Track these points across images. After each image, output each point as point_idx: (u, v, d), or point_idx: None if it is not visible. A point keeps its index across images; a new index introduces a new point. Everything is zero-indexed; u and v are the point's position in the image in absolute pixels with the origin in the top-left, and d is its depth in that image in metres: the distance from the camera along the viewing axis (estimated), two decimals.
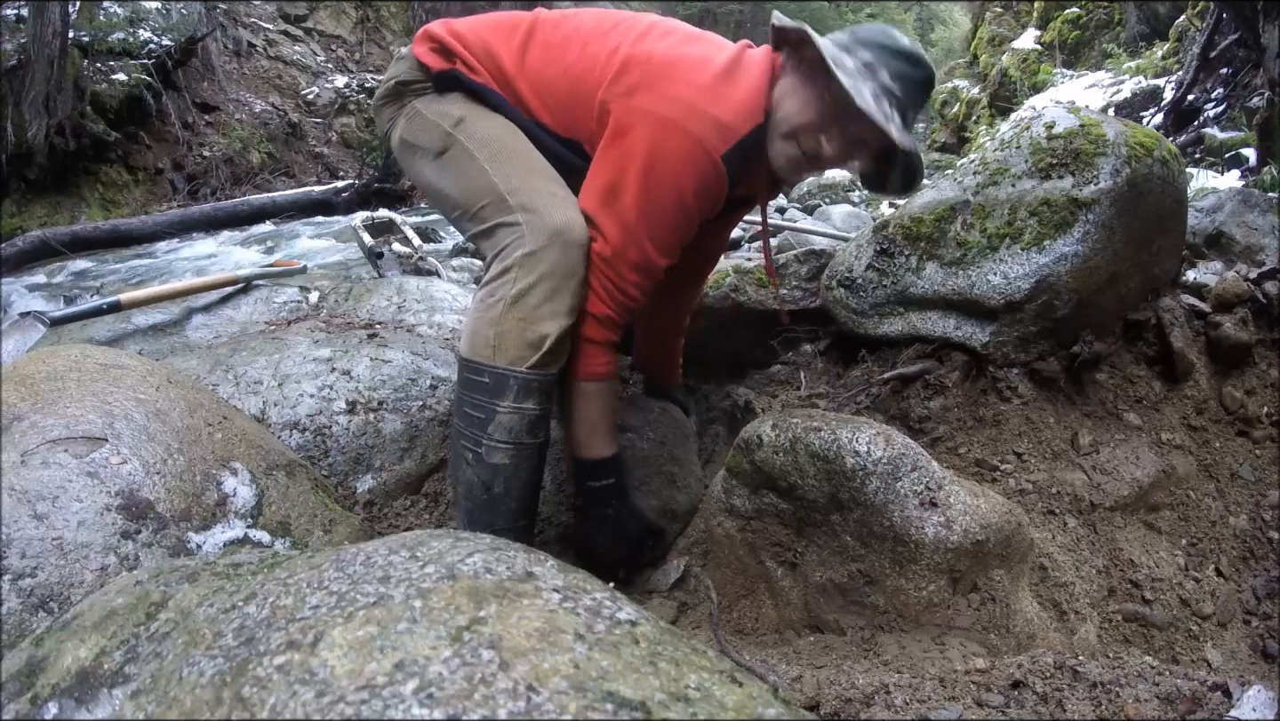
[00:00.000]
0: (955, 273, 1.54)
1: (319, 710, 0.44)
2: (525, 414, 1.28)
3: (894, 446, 1.15)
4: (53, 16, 6.23)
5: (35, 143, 6.30)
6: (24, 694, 0.62)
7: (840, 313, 1.74)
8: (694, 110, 1.25)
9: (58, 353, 1.25)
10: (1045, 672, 0.92)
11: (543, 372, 1.28)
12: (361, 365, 1.77)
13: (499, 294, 1.27)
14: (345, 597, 0.55)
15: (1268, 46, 3.48)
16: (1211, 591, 1.45)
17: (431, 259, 3.49)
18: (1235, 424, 1.65)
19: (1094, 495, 1.44)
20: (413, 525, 1.61)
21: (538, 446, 1.34)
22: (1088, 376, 1.56)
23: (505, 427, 1.28)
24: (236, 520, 1.14)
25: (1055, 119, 1.54)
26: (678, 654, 0.52)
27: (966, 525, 1.11)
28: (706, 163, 1.26)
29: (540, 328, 1.25)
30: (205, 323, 2.09)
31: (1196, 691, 0.86)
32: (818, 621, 1.24)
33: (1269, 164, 3.81)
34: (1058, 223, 1.44)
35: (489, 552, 0.61)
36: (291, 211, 7.40)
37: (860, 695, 0.92)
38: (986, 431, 1.49)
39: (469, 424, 1.31)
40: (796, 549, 1.26)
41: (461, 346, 1.32)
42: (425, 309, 2.18)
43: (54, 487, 1.00)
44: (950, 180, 1.65)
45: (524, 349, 1.25)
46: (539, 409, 1.30)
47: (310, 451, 1.61)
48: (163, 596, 0.68)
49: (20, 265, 5.41)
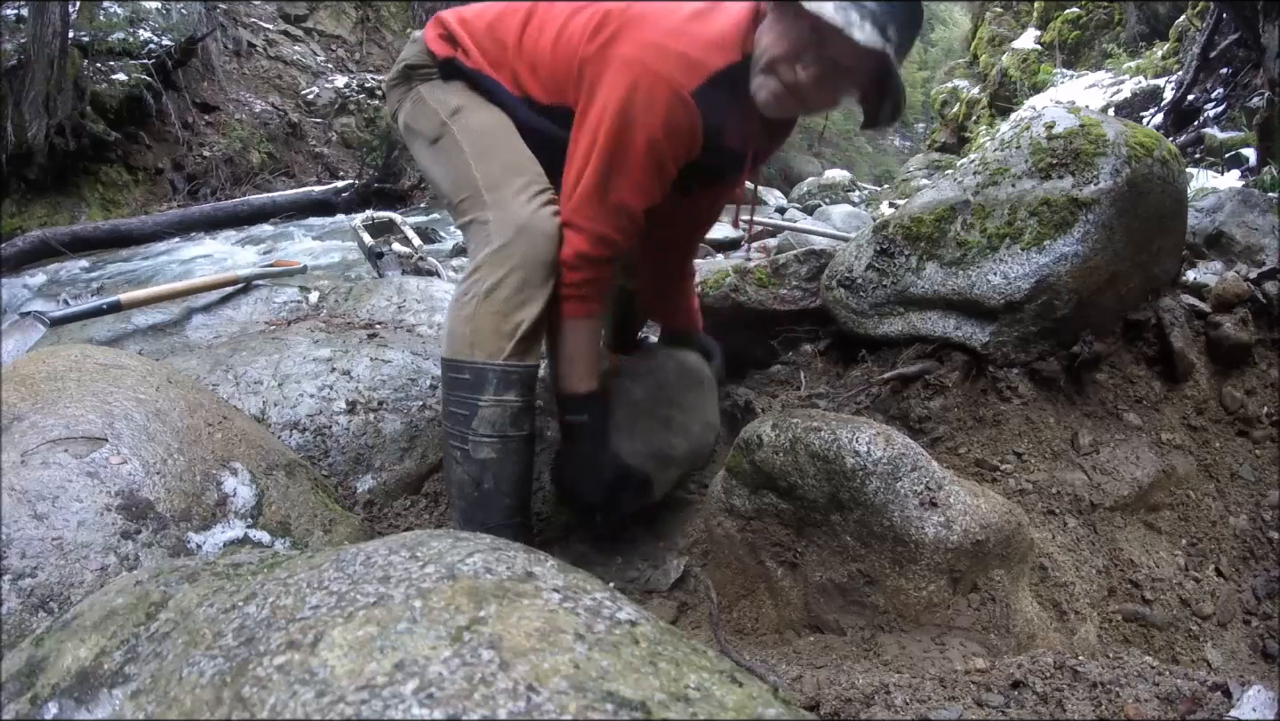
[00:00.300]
0: (955, 273, 1.54)
1: (319, 710, 0.44)
2: (507, 406, 1.31)
3: (894, 446, 1.15)
4: (53, 16, 6.23)
5: (35, 143, 6.30)
6: (24, 694, 0.62)
7: (840, 313, 1.74)
8: (660, 49, 1.25)
9: (58, 352, 1.25)
10: (1045, 672, 0.92)
11: (520, 363, 1.31)
12: (361, 365, 1.77)
13: (471, 291, 1.31)
14: (345, 597, 0.55)
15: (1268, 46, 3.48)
16: (1211, 591, 1.45)
17: (431, 259, 3.49)
18: (1235, 424, 1.65)
19: (1094, 495, 1.44)
20: (413, 525, 1.61)
21: (523, 439, 1.36)
22: (1088, 376, 1.55)
23: (489, 421, 1.31)
24: (236, 520, 1.14)
25: (1055, 119, 1.54)
26: (678, 654, 0.52)
27: (966, 525, 1.11)
28: (674, 100, 1.25)
29: (513, 318, 1.28)
30: (205, 323, 2.09)
31: (1196, 691, 0.86)
32: (818, 621, 1.24)
33: (1269, 164, 3.81)
34: (1058, 223, 1.44)
35: (489, 552, 0.61)
36: (291, 211, 7.39)
37: (860, 695, 0.92)
38: (986, 431, 1.49)
39: (455, 422, 1.34)
40: (796, 549, 1.26)
41: (442, 347, 1.36)
42: (425, 309, 2.18)
43: (54, 487, 1.00)
44: (950, 180, 1.65)
45: (499, 340, 1.29)
46: (521, 400, 1.33)
47: (310, 451, 1.61)
48: (163, 596, 0.68)
49: (20, 265, 5.40)
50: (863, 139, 18.17)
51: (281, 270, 2.63)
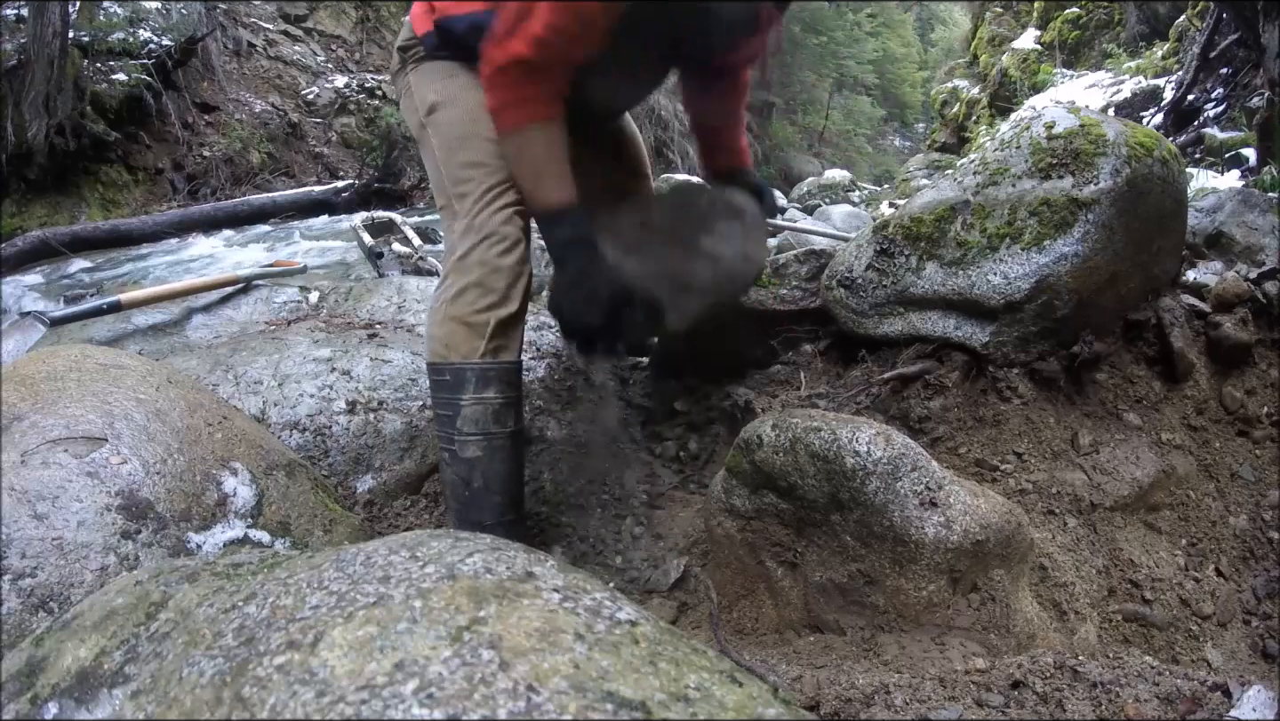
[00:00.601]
0: (955, 273, 1.54)
1: (319, 710, 0.44)
2: (488, 403, 1.33)
3: (894, 446, 1.15)
4: (53, 16, 6.23)
5: (35, 143, 6.30)
6: (24, 694, 0.62)
7: (840, 313, 1.74)
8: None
9: (58, 352, 1.25)
10: (1045, 672, 0.92)
11: (496, 361, 1.33)
12: (361, 365, 1.77)
13: (441, 298, 1.35)
14: (345, 597, 0.55)
15: (1268, 46, 3.48)
16: (1211, 591, 1.45)
17: (431, 259, 3.50)
18: (1235, 424, 1.65)
19: (1094, 495, 1.44)
20: (413, 525, 1.61)
21: (509, 435, 1.37)
22: (1088, 376, 1.55)
23: (471, 420, 1.33)
24: (236, 520, 1.14)
25: (1055, 119, 1.54)
26: (678, 654, 0.52)
27: (966, 525, 1.11)
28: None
29: (480, 319, 1.31)
30: (205, 323, 2.09)
31: (1196, 691, 0.86)
32: (818, 621, 1.24)
33: (1269, 164, 3.81)
34: (1058, 223, 1.44)
35: (489, 552, 0.61)
36: (291, 211, 7.40)
37: (860, 695, 0.92)
38: (986, 431, 1.49)
39: (442, 424, 1.37)
40: (796, 549, 1.26)
41: (425, 353, 1.40)
42: (425, 309, 2.18)
43: (54, 487, 1.00)
44: (950, 180, 1.65)
45: (473, 340, 1.32)
46: (502, 396, 1.35)
47: (310, 451, 1.61)
48: (163, 596, 0.68)
49: (20, 265, 5.41)
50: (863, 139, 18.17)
51: (281, 270, 2.63)
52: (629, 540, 1.58)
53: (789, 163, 14.43)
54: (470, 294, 1.32)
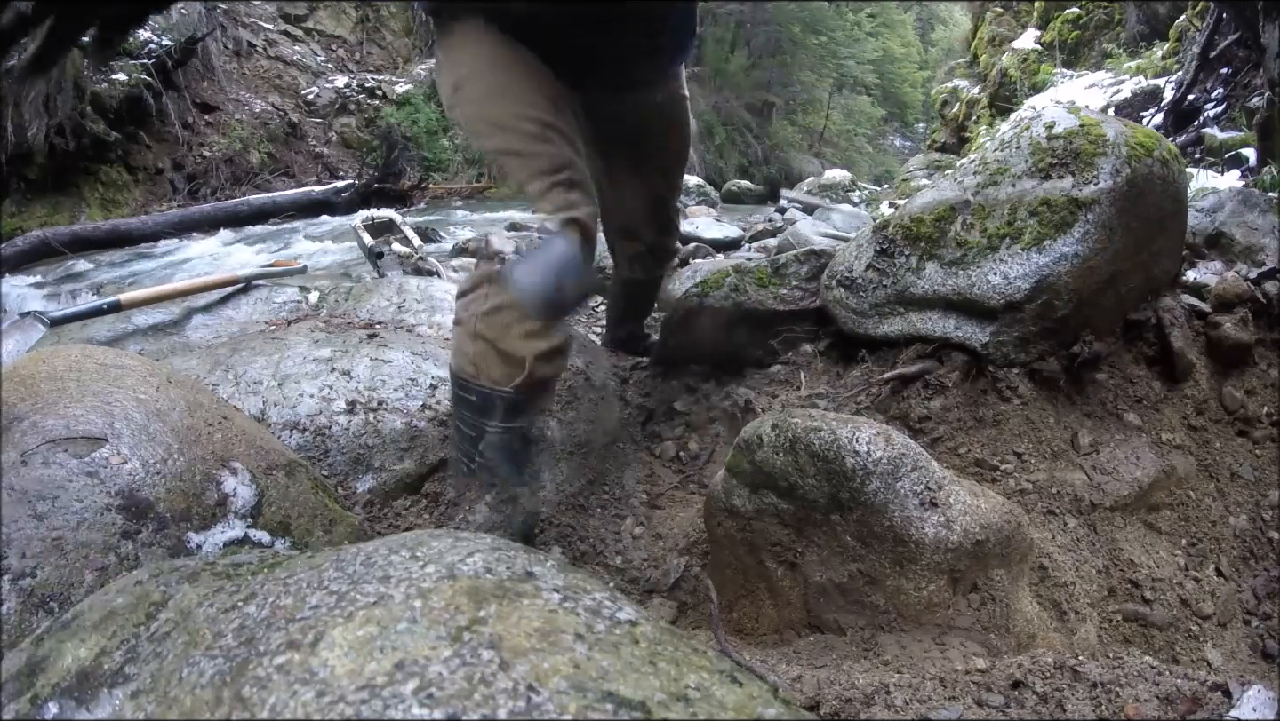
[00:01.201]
0: (955, 273, 1.54)
1: (319, 710, 0.44)
2: (515, 431, 1.25)
3: (894, 446, 1.15)
4: None
5: (35, 143, 6.30)
6: (24, 694, 0.62)
7: (840, 313, 1.74)
8: None
9: (58, 352, 1.25)
10: (1045, 672, 0.92)
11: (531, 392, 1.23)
12: (361, 365, 1.77)
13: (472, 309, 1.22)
14: (345, 597, 0.55)
15: (1268, 46, 3.48)
16: (1211, 591, 1.45)
17: (431, 259, 3.50)
18: (1235, 424, 1.65)
19: (1094, 495, 1.44)
20: (413, 525, 1.61)
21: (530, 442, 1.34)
22: (1088, 376, 1.55)
23: (496, 446, 1.25)
24: (236, 520, 1.14)
25: (1055, 119, 1.54)
26: (678, 654, 0.52)
27: (966, 525, 1.11)
28: None
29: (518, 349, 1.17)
30: (205, 323, 2.09)
31: (1196, 691, 0.86)
32: (818, 621, 1.23)
33: (1269, 164, 3.81)
34: (1058, 223, 1.44)
35: (489, 552, 0.61)
36: (291, 211, 7.41)
37: (860, 695, 0.92)
38: (986, 431, 1.49)
39: (463, 438, 1.30)
40: (796, 549, 1.26)
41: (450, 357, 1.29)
42: (425, 309, 2.18)
43: (54, 487, 1.00)
44: (950, 180, 1.65)
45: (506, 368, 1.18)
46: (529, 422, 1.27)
47: (310, 451, 1.61)
48: (163, 596, 0.68)
49: (20, 265, 5.41)
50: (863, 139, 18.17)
51: (281, 270, 2.63)
52: (629, 540, 1.58)
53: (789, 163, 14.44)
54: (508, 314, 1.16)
